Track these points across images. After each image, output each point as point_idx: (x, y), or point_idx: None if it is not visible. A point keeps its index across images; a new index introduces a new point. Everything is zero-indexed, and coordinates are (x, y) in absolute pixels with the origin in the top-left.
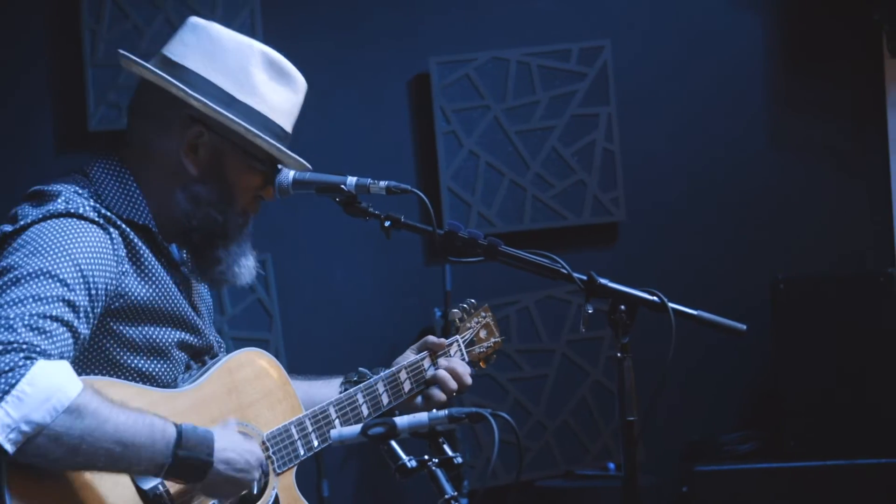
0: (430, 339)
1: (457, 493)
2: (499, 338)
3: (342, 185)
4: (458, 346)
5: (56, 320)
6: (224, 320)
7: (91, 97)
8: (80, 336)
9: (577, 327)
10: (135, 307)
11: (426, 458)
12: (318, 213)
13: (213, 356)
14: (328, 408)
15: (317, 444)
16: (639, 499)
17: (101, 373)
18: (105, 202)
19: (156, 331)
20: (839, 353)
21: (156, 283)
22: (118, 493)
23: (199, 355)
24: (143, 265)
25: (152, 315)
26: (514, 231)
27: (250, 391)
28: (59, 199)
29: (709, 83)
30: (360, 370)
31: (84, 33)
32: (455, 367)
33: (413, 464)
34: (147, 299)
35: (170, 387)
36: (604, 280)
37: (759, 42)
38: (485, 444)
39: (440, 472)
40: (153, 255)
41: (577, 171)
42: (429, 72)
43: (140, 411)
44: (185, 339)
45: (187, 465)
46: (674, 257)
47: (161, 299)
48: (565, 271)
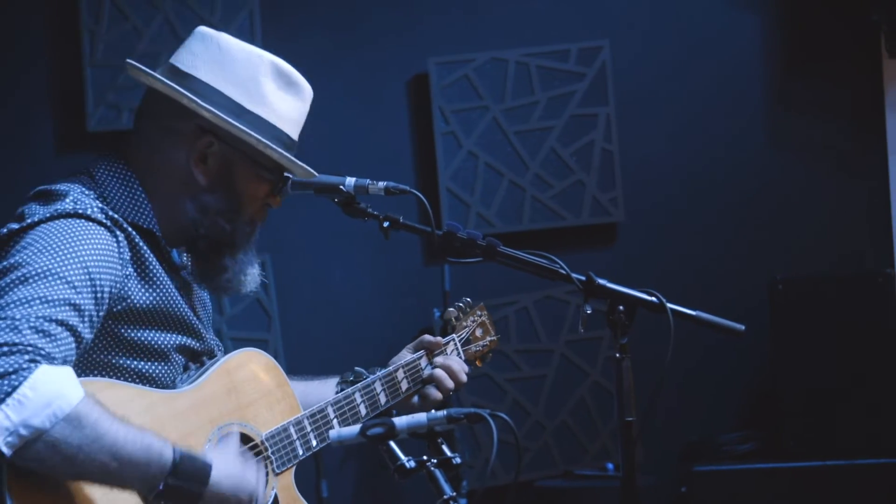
0: (427, 338)
1: (455, 493)
2: (494, 336)
3: (341, 186)
4: (455, 344)
5: (61, 324)
6: (223, 320)
7: (90, 97)
8: (84, 340)
9: (576, 328)
10: (136, 311)
11: (425, 458)
12: (316, 213)
13: (212, 358)
14: (326, 407)
15: (315, 443)
16: (637, 499)
17: (100, 374)
18: (111, 204)
19: (157, 335)
20: (838, 353)
21: (159, 288)
22: (121, 496)
23: (197, 358)
24: (147, 269)
25: (154, 319)
26: (513, 231)
27: (249, 391)
28: (68, 198)
29: (708, 83)
30: (356, 370)
31: (83, 34)
32: (451, 364)
33: (412, 464)
34: (149, 303)
35: (168, 388)
36: (602, 280)
37: (759, 42)
38: (483, 445)
39: (439, 473)
40: (156, 259)
41: (576, 171)
42: (428, 72)
43: (141, 429)
44: (186, 342)
45: (177, 492)
46: (672, 258)
47: (163, 303)
48: (564, 272)
